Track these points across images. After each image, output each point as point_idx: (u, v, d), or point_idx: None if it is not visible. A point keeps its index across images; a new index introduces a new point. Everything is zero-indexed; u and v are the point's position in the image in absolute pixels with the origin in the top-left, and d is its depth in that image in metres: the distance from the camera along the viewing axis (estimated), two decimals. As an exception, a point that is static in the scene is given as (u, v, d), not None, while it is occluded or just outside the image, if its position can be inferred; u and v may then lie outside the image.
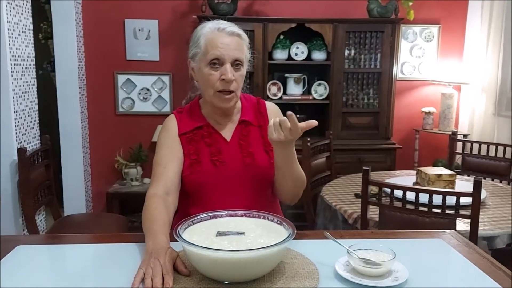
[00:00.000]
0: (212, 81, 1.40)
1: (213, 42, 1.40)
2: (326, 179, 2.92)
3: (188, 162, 1.44)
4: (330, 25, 3.56)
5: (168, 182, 1.37)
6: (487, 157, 3.01)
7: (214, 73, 1.40)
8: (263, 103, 1.58)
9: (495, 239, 1.96)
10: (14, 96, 2.63)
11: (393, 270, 1.07)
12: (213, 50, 1.39)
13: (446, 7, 4.00)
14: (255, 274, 1.02)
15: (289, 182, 1.44)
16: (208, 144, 1.46)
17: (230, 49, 1.39)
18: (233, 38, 1.42)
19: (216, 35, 1.41)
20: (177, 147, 1.45)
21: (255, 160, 1.46)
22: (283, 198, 1.53)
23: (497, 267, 1.15)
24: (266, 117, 1.54)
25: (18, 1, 2.71)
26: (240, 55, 1.41)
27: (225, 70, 1.39)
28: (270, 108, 1.57)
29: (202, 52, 1.42)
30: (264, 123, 1.51)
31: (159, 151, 1.46)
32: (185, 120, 1.50)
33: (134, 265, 1.06)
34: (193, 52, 1.47)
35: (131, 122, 3.94)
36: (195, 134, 1.47)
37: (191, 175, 1.43)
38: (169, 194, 1.35)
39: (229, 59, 1.39)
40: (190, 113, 1.52)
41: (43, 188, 2.65)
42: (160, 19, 3.83)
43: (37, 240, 1.40)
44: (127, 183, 3.83)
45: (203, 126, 1.48)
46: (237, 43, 1.42)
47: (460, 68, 3.94)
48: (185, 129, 1.47)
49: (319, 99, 3.69)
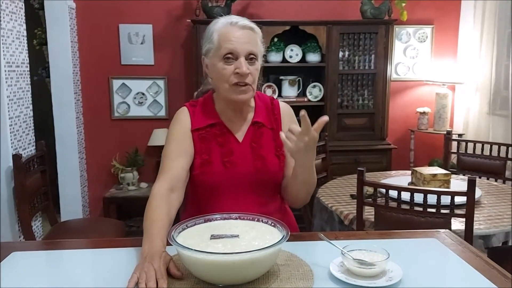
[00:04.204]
0: (226, 75, 1.38)
1: (226, 36, 1.38)
2: (322, 180, 2.92)
3: (199, 161, 1.43)
4: (324, 27, 3.58)
5: (175, 177, 1.36)
6: (482, 156, 3.03)
7: (228, 67, 1.37)
8: (277, 103, 1.55)
9: (491, 238, 1.97)
10: (9, 103, 2.63)
11: (387, 270, 1.07)
12: (226, 44, 1.37)
13: (439, 7, 4.02)
14: (250, 277, 1.03)
15: (303, 189, 1.42)
16: (220, 143, 1.44)
17: (244, 43, 1.37)
18: (246, 32, 1.40)
19: (228, 29, 1.39)
20: (188, 142, 1.44)
21: (266, 165, 1.45)
22: (293, 203, 1.51)
23: (491, 265, 1.15)
24: (279, 120, 1.52)
25: (12, 8, 2.71)
26: (253, 48, 1.40)
27: (239, 63, 1.36)
28: (284, 110, 1.55)
29: (215, 48, 1.40)
30: (277, 126, 1.50)
31: (169, 144, 1.44)
32: (198, 115, 1.47)
33: (131, 270, 1.06)
34: (206, 48, 1.45)
35: (127, 127, 3.94)
36: (208, 132, 1.45)
37: (201, 175, 1.42)
38: (174, 190, 1.34)
39: (243, 53, 1.37)
40: (203, 108, 1.49)
41: (39, 194, 2.64)
42: (155, 23, 3.84)
43: (32, 246, 1.39)
44: (124, 187, 3.82)
45: (216, 124, 1.46)
46: (250, 36, 1.40)
47: (454, 68, 3.96)
48: (198, 125, 1.45)
49: (314, 101, 3.69)
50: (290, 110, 1.57)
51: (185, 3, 3.82)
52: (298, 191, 1.43)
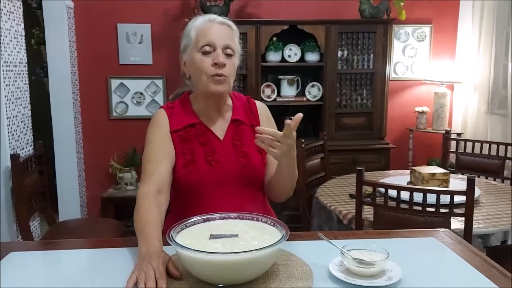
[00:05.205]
0: (204, 67, 1.40)
1: (203, 31, 1.42)
2: (321, 180, 2.92)
3: (183, 161, 1.42)
4: (323, 26, 3.58)
5: (160, 180, 1.35)
6: (480, 155, 3.03)
7: (206, 59, 1.40)
8: (254, 102, 1.58)
9: (490, 237, 1.97)
10: (7, 103, 2.62)
11: (387, 269, 1.07)
12: (204, 37, 1.40)
13: (437, 7, 4.02)
14: (249, 276, 1.02)
15: (288, 184, 1.46)
16: (202, 143, 1.44)
17: (221, 37, 1.41)
18: (224, 28, 1.44)
19: (207, 25, 1.43)
20: (168, 143, 1.43)
21: (250, 161, 1.46)
22: (278, 198, 1.54)
23: (491, 264, 1.15)
24: (257, 117, 1.54)
25: (9, 7, 2.70)
26: (231, 42, 1.42)
27: (216, 54, 1.39)
28: (260, 108, 1.58)
29: (193, 42, 1.43)
30: (256, 123, 1.51)
31: (149, 147, 1.44)
32: (176, 116, 1.47)
33: (129, 270, 1.05)
34: (184, 45, 1.48)
35: (125, 127, 3.93)
36: (188, 132, 1.45)
37: (187, 175, 1.42)
38: (161, 192, 1.33)
39: (220, 45, 1.40)
40: (181, 109, 1.49)
41: (37, 194, 2.63)
42: (153, 23, 3.83)
43: (30, 247, 1.38)
44: (122, 187, 3.81)
45: (196, 124, 1.46)
46: (228, 32, 1.44)
47: (453, 67, 3.96)
48: (177, 126, 1.45)
49: (313, 101, 3.69)
50: (266, 108, 1.60)
51: (183, 3, 3.81)
52: (284, 187, 1.48)
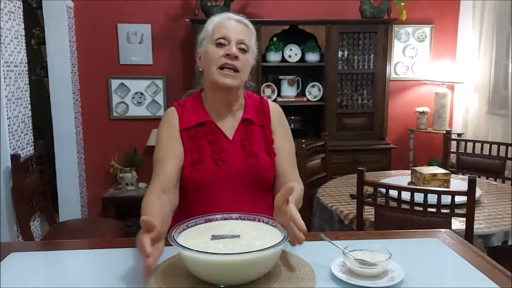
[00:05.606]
0: (215, 57, 1.40)
1: (220, 25, 1.44)
2: (322, 180, 2.92)
3: (190, 160, 1.42)
4: (323, 26, 3.57)
5: (165, 180, 1.36)
6: (481, 156, 3.03)
7: (218, 50, 1.41)
8: (266, 102, 1.56)
9: (491, 237, 1.96)
10: (7, 103, 2.62)
11: (389, 270, 1.07)
12: (220, 30, 1.42)
13: (438, 7, 4.02)
14: (251, 277, 1.02)
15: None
16: (210, 142, 1.44)
17: (237, 32, 1.42)
18: (241, 25, 1.45)
19: (224, 21, 1.45)
20: (177, 143, 1.44)
21: (258, 161, 1.45)
22: None
23: (492, 265, 1.15)
24: (269, 118, 1.53)
25: (10, 7, 2.70)
26: (246, 38, 1.43)
27: (230, 47, 1.40)
28: (273, 109, 1.56)
29: (209, 35, 1.45)
30: (266, 124, 1.51)
31: (159, 147, 1.44)
32: (187, 114, 1.48)
33: (130, 270, 1.05)
34: (200, 38, 1.49)
35: (125, 127, 3.93)
36: (197, 131, 1.45)
37: (192, 173, 1.41)
38: (165, 192, 1.34)
39: (235, 39, 1.41)
40: (192, 107, 1.50)
41: (37, 194, 2.63)
42: (153, 23, 3.83)
43: (31, 247, 1.38)
44: (123, 187, 3.81)
45: (206, 123, 1.46)
46: (244, 29, 1.45)
47: (453, 68, 3.96)
48: (187, 125, 1.46)
49: (313, 101, 3.69)
50: (279, 109, 1.59)
51: (183, 3, 3.81)
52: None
